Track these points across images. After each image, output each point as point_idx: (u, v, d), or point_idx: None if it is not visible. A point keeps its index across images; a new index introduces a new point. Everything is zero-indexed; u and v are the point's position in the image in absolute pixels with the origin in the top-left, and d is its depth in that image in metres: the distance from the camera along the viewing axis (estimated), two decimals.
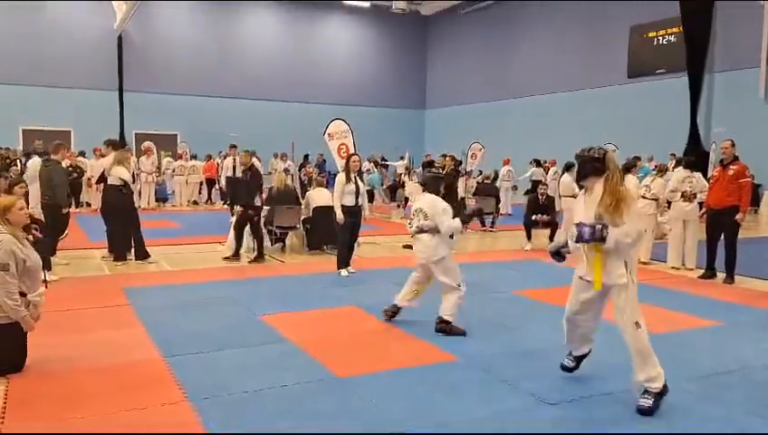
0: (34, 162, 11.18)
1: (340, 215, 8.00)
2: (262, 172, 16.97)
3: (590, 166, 4.01)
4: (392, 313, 5.90)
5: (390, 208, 17.35)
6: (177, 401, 3.99)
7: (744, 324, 6.10)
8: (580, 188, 4.20)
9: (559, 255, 4.28)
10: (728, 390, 4.35)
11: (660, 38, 20.81)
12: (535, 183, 16.74)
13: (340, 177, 8.18)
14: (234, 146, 15.95)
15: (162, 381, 4.34)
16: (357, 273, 8.33)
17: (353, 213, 8.17)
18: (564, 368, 4.46)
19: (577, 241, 3.90)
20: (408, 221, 5.82)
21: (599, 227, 3.82)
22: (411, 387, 4.27)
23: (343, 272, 8.25)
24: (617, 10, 21.84)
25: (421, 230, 5.57)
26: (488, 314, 6.35)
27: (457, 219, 5.55)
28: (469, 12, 28.50)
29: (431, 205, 5.56)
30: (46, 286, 4.77)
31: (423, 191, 5.85)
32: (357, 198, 8.13)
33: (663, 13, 19.77)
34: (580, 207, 4.09)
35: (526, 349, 5.19)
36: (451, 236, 5.58)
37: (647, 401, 3.84)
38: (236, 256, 9.28)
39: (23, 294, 4.41)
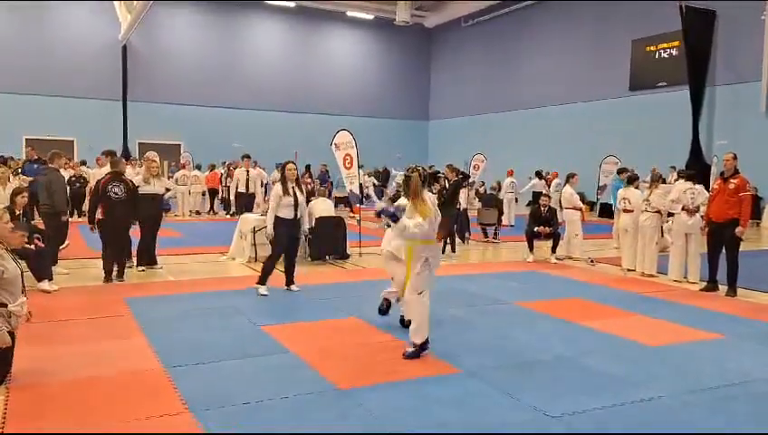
0: None
1: (270, 229, 7.48)
2: (265, 181, 16.74)
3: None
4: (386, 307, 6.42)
5: None
6: (177, 411, 3.98)
7: (746, 337, 6.08)
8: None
9: (391, 217, 5.12)
10: (731, 402, 4.34)
11: (661, 51, 20.91)
12: (537, 195, 16.75)
13: (277, 188, 7.54)
14: (248, 157, 16.03)
15: (163, 391, 4.33)
16: (301, 288, 7.77)
17: (290, 225, 7.53)
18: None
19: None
20: None
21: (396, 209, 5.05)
22: (413, 399, 4.25)
23: (262, 290, 7.46)
24: (619, 23, 21.97)
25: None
26: (490, 325, 6.35)
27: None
28: (473, 24, 28.65)
29: None
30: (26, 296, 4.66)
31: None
32: (296, 210, 7.51)
33: (665, 27, 19.87)
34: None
35: (529, 361, 5.18)
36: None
37: (411, 349, 5.15)
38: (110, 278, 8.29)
39: (3, 305, 4.35)
